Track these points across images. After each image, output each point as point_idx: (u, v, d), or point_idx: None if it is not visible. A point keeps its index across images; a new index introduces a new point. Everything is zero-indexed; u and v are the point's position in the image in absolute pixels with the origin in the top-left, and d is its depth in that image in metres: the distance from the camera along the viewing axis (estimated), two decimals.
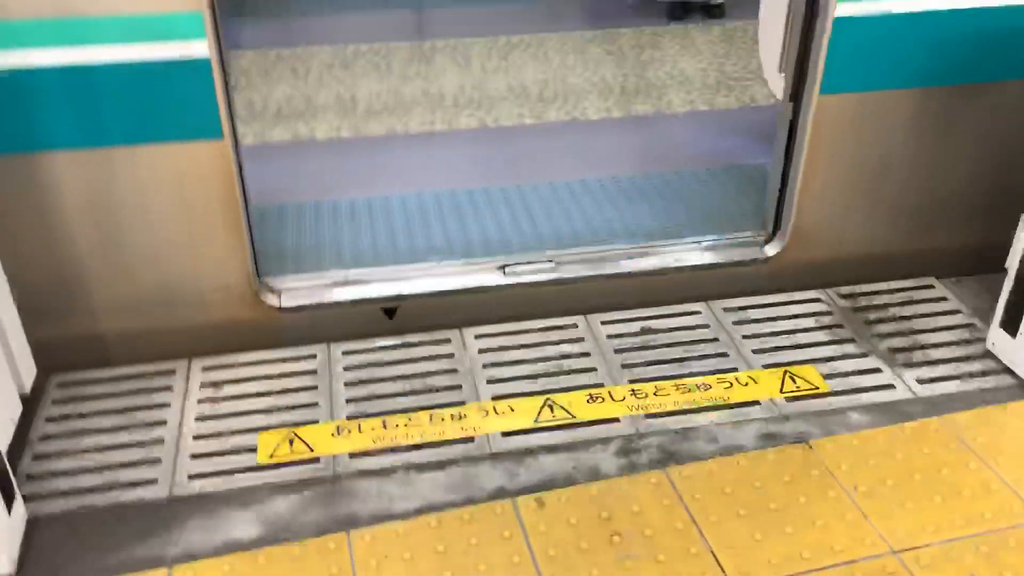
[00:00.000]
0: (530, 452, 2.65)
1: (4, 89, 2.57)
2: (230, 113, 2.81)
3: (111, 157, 2.77)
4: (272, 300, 3.16)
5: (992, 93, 3.21)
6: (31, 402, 2.82)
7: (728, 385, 2.93)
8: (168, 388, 2.95)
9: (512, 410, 2.82)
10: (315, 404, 2.86)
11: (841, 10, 2.96)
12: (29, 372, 2.82)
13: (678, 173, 4.14)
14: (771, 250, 3.44)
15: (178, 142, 2.79)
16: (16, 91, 2.58)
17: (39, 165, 2.72)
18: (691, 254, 3.48)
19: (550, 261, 3.41)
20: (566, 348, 3.11)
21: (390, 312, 3.27)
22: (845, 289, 3.40)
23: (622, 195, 3.97)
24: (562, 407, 2.83)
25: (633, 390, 2.91)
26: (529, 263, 3.40)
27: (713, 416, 2.79)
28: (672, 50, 5.70)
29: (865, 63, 3.08)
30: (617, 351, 3.10)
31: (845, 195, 3.34)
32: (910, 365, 3.00)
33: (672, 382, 2.95)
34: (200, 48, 2.64)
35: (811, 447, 2.64)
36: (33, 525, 2.42)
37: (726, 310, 3.30)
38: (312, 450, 2.67)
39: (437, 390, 2.91)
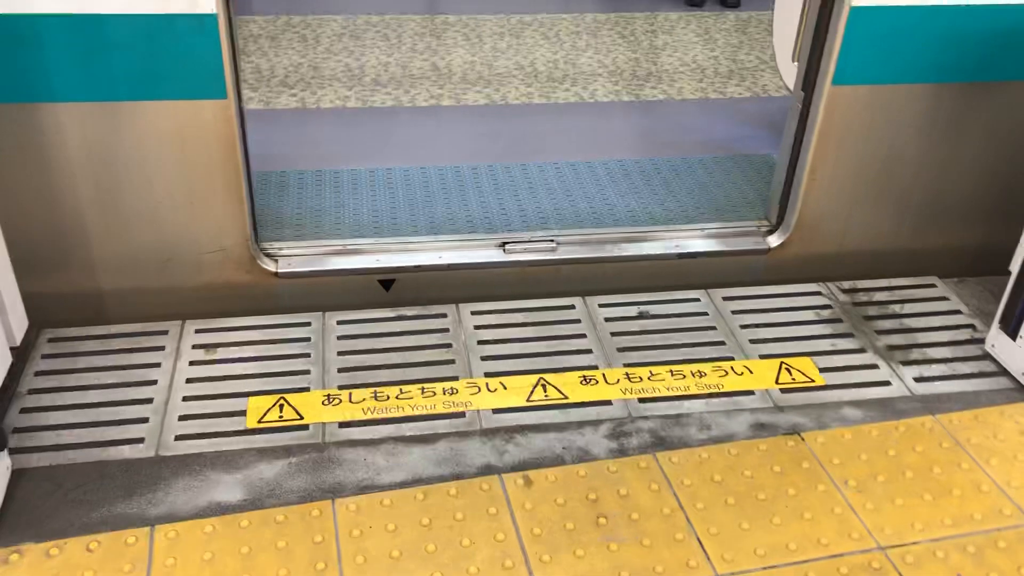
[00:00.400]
0: (520, 430, 2.63)
1: (6, 35, 2.54)
2: (235, 74, 2.77)
3: (113, 111, 2.74)
4: (269, 265, 3.13)
5: (1005, 92, 3.17)
6: (21, 355, 2.80)
7: (723, 373, 2.91)
8: (160, 348, 2.93)
9: (504, 387, 2.80)
10: (307, 372, 2.84)
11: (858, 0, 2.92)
12: (20, 325, 2.79)
13: (685, 159, 4.11)
14: (774, 241, 3.42)
15: (181, 100, 2.76)
16: (19, 38, 2.55)
17: (39, 116, 2.69)
18: (693, 241, 3.46)
19: (551, 241, 3.38)
20: (562, 329, 3.09)
21: (387, 284, 3.25)
22: (846, 284, 3.37)
23: (627, 179, 3.94)
24: (555, 387, 2.81)
25: (627, 374, 2.89)
26: (530, 242, 3.38)
27: (706, 403, 2.77)
28: (686, 36, 5.65)
29: (879, 55, 3.04)
30: (614, 334, 3.07)
31: (851, 189, 3.31)
32: (908, 363, 2.98)
33: (667, 367, 2.92)
34: (208, 4, 2.60)
35: (803, 439, 2.62)
36: (17, 477, 2.41)
37: (725, 299, 3.27)
38: (301, 417, 2.65)
39: (430, 364, 2.89)
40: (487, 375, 2.85)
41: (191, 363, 2.87)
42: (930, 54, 3.07)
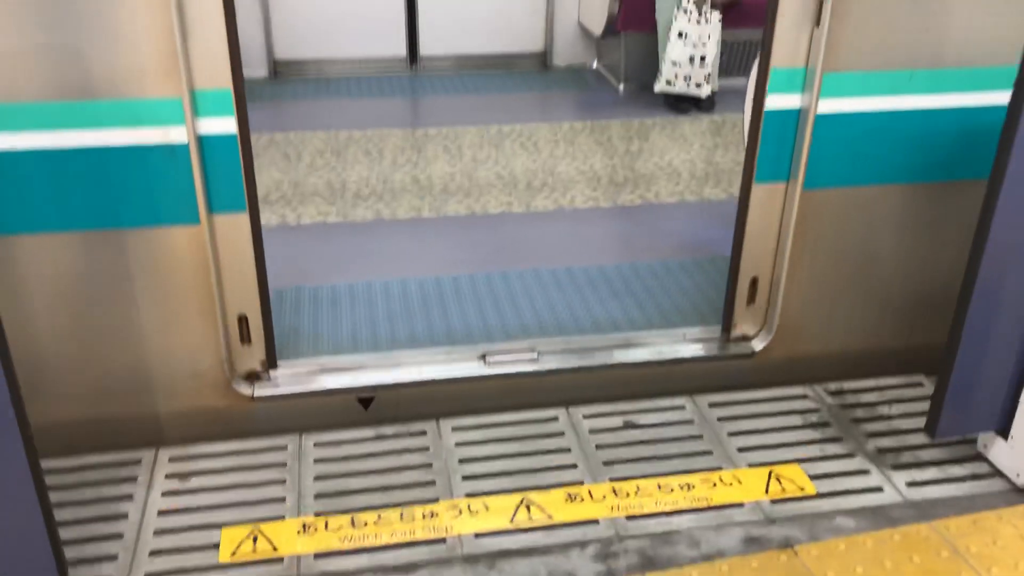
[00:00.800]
0: (503, 555, 2.53)
1: None
2: (208, 198, 2.77)
3: (86, 240, 2.73)
4: (245, 388, 3.08)
5: (976, 191, 3.19)
6: None
7: (712, 485, 2.83)
8: (132, 479, 2.85)
9: (487, 508, 2.71)
10: (282, 499, 2.75)
11: (823, 107, 2.97)
12: None
13: (664, 264, 4.11)
14: (757, 344, 3.39)
15: (154, 227, 2.76)
16: None
17: (10, 248, 2.68)
18: (676, 347, 3.42)
19: (532, 351, 3.35)
20: (546, 443, 3.02)
21: (366, 402, 3.19)
22: (833, 385, 3.33)
23: (607, 285, 3.93)
24: (539, 507, 2.72)
25: (614, 489, 2.81)
26: (511, 353, 3.34)
27: (696, 518, 2.69)
28: (661, 141, 5.75)
29: (848, 159, 3.08)
30: (599, 447, 3.01)
31: (831, 290, 3.30)
32: (899, 467, 2.91)
33: (654, 480, 2.85)
34: (179, 134, 2.63)
35: (796, 553, 2.53)
36: None
37: (712, 405, 3.23)
38: (276, 549, 2.55)
39: (410, 486, 2.81)
40: (469, 495, 2.77)
41: (163, 494, 2.79)
42: (899, 155, 3.11)
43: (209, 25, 2.56)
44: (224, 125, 2.71)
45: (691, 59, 5.97)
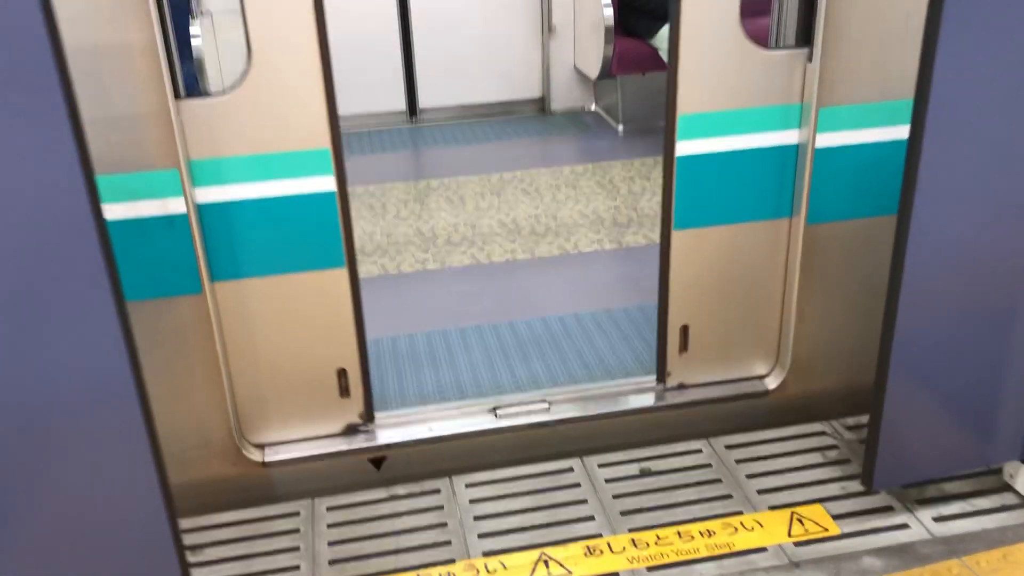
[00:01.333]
0: None
1: None
2: (206, 263, 2.77)
3: None
4: (255, 455, 3.05)
5: None
6: None
7: (733, 530, 2.77)
8: None
9: (504, 567, 2.66)
10: (296, 567, 2.71)
11: (821, 141, 2.96)
12: None
13: None
14: (771, 382, 3.34)
15: (157, 299, 2.76)
16: None
17: None
18: (690, 389, 3.38)
19: (544, 401, 3.31)
20: (562, 495, 2.97)
21: (377, 462, 3.16)
22: (851, 420, 3.27)
23: (617, 329, 3.90)
24: (558, 563, 2.67)
25: (633, 540, 2.75)
26: (522, 404, 3.30)
27: (718, 566, 2.63)
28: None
29: (850, 192, 3.06)
30: (616, 496, 2.95)
31: (842, 323, 3.26)
32: (924, 501, 2.84)
33: (674, 529, 2.79)
34: (177, 204, 2.63)
35: None
36: None
37: (728, 447, 3.17)
38: None
39: (425, 547, 2.76)
40: (486, 554, 2.72)
41: None
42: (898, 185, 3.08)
43: (308, 91, 2.63)
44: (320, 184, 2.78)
45: None
